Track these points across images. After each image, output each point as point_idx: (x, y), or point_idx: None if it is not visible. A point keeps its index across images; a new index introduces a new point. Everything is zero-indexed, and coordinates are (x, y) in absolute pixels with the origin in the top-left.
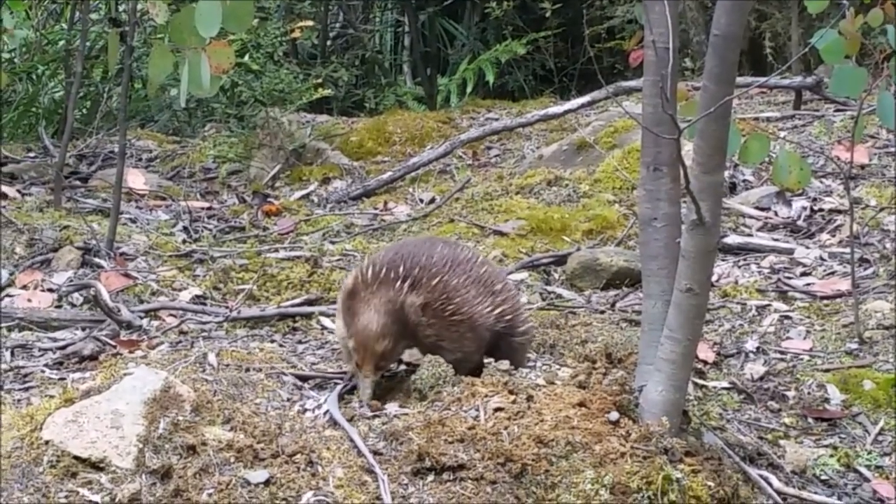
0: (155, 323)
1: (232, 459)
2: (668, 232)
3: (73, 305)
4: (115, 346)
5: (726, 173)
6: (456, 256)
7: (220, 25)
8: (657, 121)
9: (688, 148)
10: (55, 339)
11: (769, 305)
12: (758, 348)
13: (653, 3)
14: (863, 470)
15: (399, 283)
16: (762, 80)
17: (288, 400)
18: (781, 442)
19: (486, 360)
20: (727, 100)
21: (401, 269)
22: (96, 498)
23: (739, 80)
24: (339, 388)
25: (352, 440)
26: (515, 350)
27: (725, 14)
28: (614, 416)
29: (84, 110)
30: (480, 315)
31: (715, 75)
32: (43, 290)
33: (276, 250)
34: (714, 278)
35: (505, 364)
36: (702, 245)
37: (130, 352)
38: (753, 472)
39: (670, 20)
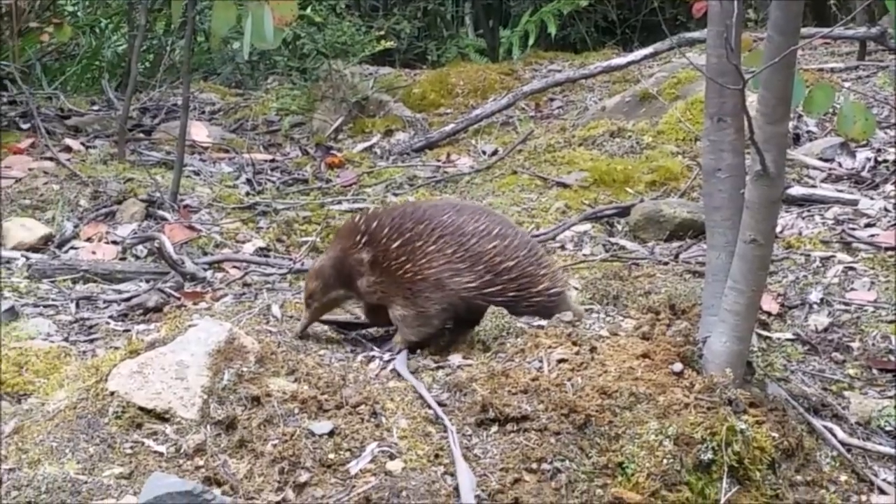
0: (219, 275)
1: (296, 410)
2: (732, 183)
3: (138, 258)
4: (179, 298)
5: (790, 124)
6: (458, 227)
7: None
8: (721, 71)
9: (752, 98)
10: (119, 292)
11: (833, 257)
12: (822, 299)
13: None
14: None
15: (358, 237)
16: (826, 30)
17: (352, 351)
18: (846, 393)
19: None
20: (792, 50)
21: (373, 224)
22: (161, 449)
23: (803, 30)
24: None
25: (416, 391)
26: (533, 314)
27: None
28: (678, 367)
29: (147, 63)
30: (457, 284)
31: (780, 25)
32: (107, 243)
33: (339, 202)
34: (778, 229)
35: (568, 315)
36: (766, 196)
37: (194, 304)
38: (818, 423)
39: None
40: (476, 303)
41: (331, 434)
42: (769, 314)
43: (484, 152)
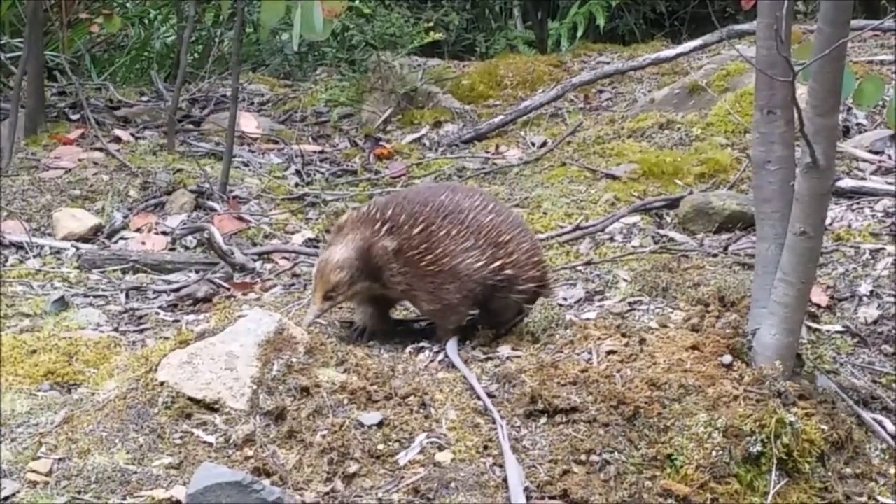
0: (268, 266)
1: (345, 401)
2: (781, 175)
3: (187, 248)
4: (228, 289)
5: (840, 116)
6: (457, 205)
7: None
8: (771, 63)
9: (801, 91)
10: (169, 282)
11: (883, 249)
12: (871, 292)
13: None
14: None
15: (379, 224)
16: (876, 22)
17: (401, 342)
18: (895, 385)
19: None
20: (842, 42)
21: (388, 212)
22: (211, 439)
23: (853, 22)
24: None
25: (465, 382)
26: (504, 307)
27: None
28: (727, 359)
29: (196, 54)
30: (467, 268)
31: (830, 17)
32: (157, 233)
33: (388, 193)
34: (827, 222)
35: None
36: (816, 188)
37: (244, 294)
38: (867, 415)
39: None
40: (487, 283)
41: (380, 425)
42: (819, 306)
43: (533, 144)
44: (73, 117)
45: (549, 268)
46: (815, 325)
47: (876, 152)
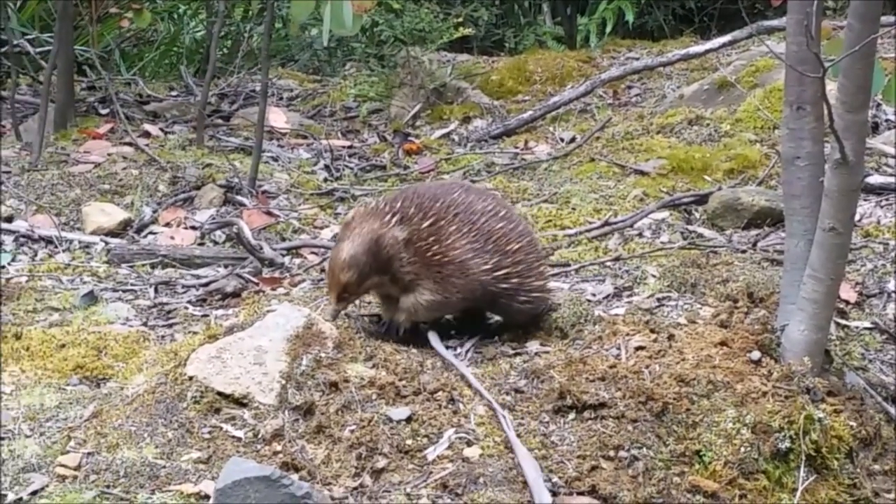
0: (297, 260)
1: (374, 396)
2: (811, 171)
3: (216, 243)
4: (257, 284)
5: (869, 112)
6: (469, 206)
7: None
8: (801, 59)
9: (831, 87)
10: (198, 277)
11: None
12: None
13: None
14: None
15: (389, 217)
16: None
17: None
18: None
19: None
20: (872, 38)
21: (398, 204)
22: (239, 433)
23: (883, 19)
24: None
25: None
26: (513, 311)
27: None
28: (756, 355)
29: (225, 49)
30: (476, 266)
31: (860, 14)
32: (186, 228)
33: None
34: (856, 218)
35: None
36: (845, 184)
37: (273, 289)
38: None
39: None
40: (488, 290)
41: (408, 420)
42: (847, 303)
43: (562, 139)
44: (103, 112)
45: (551, 280)
46: (843, 322)
47: None
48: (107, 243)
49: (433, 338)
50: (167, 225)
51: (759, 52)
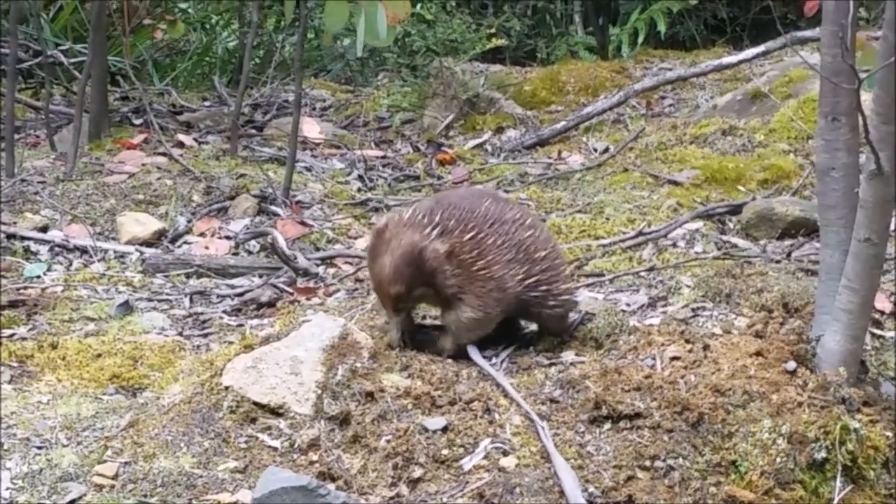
0: (331, 270)
1: (409, 406)
2: (846, 182)
3: (250, 253)
4: (292, 294)
5: None
6: (501, 215)
7: None
8: (836, 70)
9: (866, 97)
10: (233, 286)
11: None
12: None
13: None
14: None
15: (429, 229)
16: None
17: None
18: None
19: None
20: None
21: (436, 216)
22: (276, 443)
23: None
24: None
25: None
26: (545, 318)
27: None
28: (791, 365)
29: (257, 60)
30: (511, 278)
31: (895, 24)
32: (220, 238)
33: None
34: (891, 228)
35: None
36: (880, 195)
37: (307, 299)
38: None
39: None
40: (521, 299)
41: (444, 430)
42: (882, 313)
43: (595, 150)
44: (137, 122)
45: (575, 285)
46: (879, 332)
47: None
48: (141, 253)
49: (470, 348)
50: (201, 235)
51: (793, 62)
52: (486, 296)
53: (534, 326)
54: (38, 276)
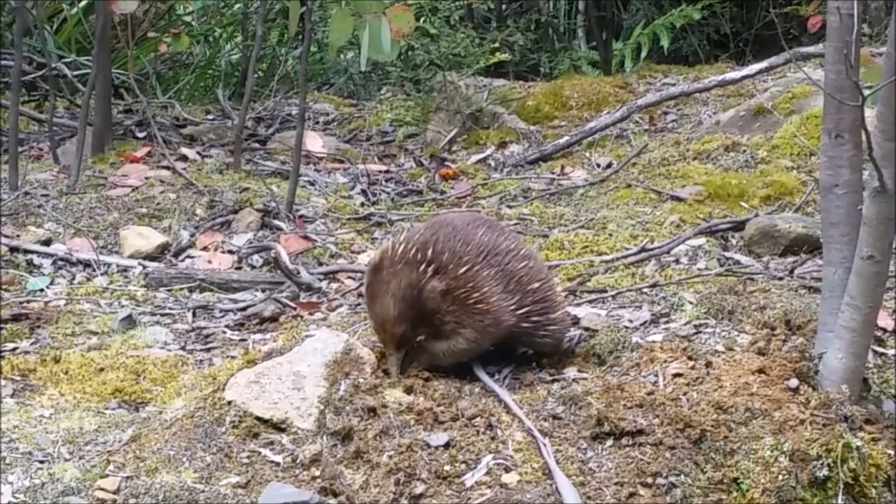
0: (334, 285)
1: (412, 422)
2: (849, 199)
3: (253, 267)
4: (295, 308)
5: None
6: (495, 246)
7: None
8: (839, 87)
9: (870, 114)
10: (235, 301)
11: None
12: None
13: None
14: None
15: (424, 266)
16: None
17: (467, 363)
18: None
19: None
20: None
21: (429, 251)
22: (278, 458)
23: None
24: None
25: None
26: (535, 346)
27: None
28: (794, 383)
29: (261, 73)
30: (505, 310)
31: None
32: (223, 252)
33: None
34: (895, 246)
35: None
36: (884, 212)
37: (310, 314)
38: None
39: None
40: (512, 330)
41: (446, 446)
42: (885, 331)
43: (598, 165)
44: (140, 135)
45: (567, 310)
46: (881, 350)
47: None
48: (144, 267)
49: (474, 364)
50: (204, 249)
51: (796, 78)
52: (484, 330)
53: None
54: (41, 290)
